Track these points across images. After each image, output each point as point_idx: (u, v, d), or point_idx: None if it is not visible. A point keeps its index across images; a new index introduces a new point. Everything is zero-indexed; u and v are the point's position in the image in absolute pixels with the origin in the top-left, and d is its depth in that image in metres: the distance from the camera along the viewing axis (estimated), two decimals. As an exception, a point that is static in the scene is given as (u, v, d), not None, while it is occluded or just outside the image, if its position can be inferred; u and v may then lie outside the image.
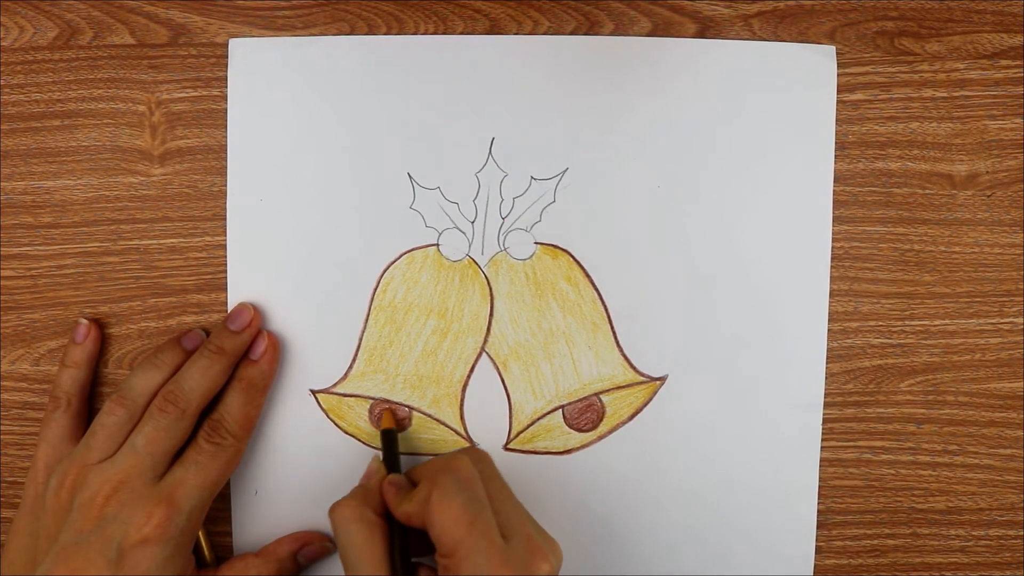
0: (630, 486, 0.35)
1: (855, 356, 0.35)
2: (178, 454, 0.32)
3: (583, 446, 0.35)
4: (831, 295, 0.35)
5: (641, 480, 0.35)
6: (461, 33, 0.35)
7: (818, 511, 0.35)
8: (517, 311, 0.35)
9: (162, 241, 0.35)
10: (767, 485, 0.35)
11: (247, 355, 0.34)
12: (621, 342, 0.35)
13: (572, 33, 0.35)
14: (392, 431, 0.34)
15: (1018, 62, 0.35)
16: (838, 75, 0.34)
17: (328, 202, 0.35)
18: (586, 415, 0.35)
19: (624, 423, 0.35)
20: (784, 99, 0.34)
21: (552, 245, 0.35)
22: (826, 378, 0.35)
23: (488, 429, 0.35)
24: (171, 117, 0.35)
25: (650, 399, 0.35)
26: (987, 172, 0.35)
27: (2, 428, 0.36)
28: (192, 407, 0.32)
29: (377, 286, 0.35)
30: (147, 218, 0.35)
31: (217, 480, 0.32)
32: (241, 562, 0.34)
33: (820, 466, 0.35)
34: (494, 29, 0.35)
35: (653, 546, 0.35)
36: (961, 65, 0.35)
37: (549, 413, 0.35)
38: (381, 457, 0.33)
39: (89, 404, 0.35)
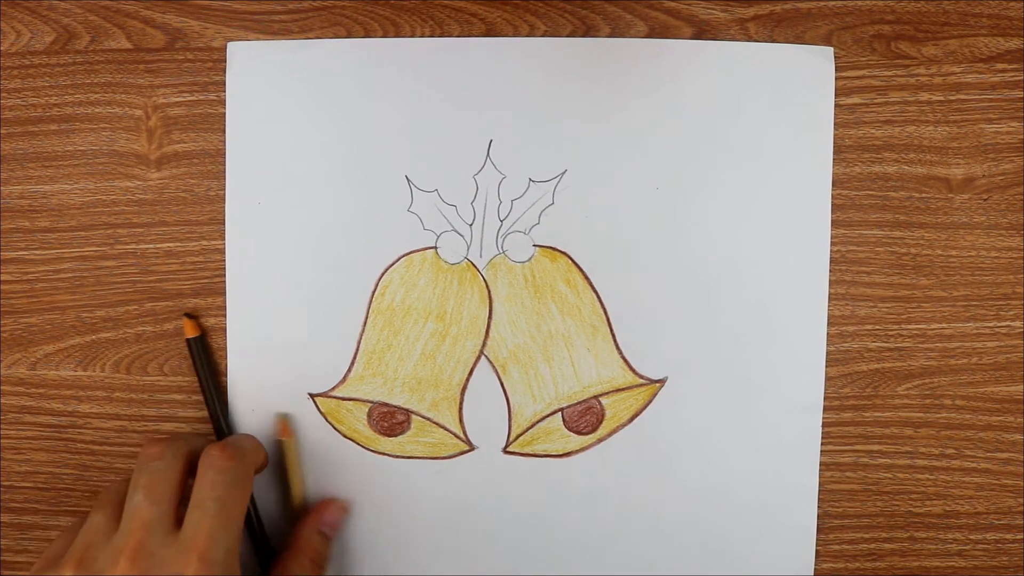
0: (630, 489, 0.35)
1: (852, 360, 0.35)
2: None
3: (582, 449, 0.35)
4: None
5: (641, 483, 0.35)
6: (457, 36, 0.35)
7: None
8: (516, 314, 0.35)
9: (159, 245, 0.35)
10: (767, 488, 0.35)
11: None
12: (620, 344, 0.35)
13: (569, 37, 0.35)
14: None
15: (1015, 66, 0.35)
16: (835, 78, 0.34)
17: (326, 205, 0.35)
18: (585, 418, 0.35)
19: (624, 425, 0.35)
20: (783, 100, 0.34)
21: (551, 247, 0.35)
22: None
23: (487, 432, 0.35)
24: (168, 121, 0.35)
25: (649, 401, 0.35)
26: (984, 176, 0.35)
27: (0, 432, 0.36)
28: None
29: (375, 289, 0.35)
30: (144, 222, 0.35)
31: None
32: (279, 567, 0.33)
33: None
34: (490, 33, 0.35)
35: (653, 549, 0.35)
36: (958, 69, 0.35)
37: (548, 416, 0.35)
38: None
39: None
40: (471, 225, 0.35)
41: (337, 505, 0.34)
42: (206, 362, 0.34)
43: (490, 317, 0.35)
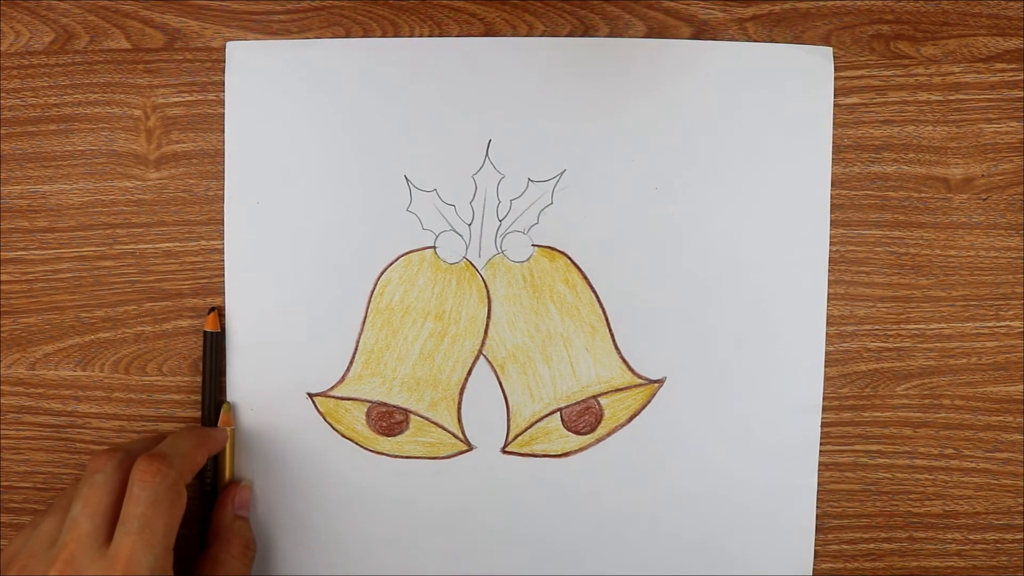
0: (628, 489, 0.35)
1: (851, 360, 0.35)
2: None
3: (581, 449, 0.35)
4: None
5: (639, 483, 0.35)
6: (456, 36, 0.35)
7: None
8: (515, 313, 0.35)
9: (158, 245, 0.35)
10: (766, 488, 0.35)
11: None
12: (619, 344, 0.35)
13: (568, 36, 0.35)
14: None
15: (1014, 65, 0.35)
16: (834, 78, 0.34)
17: (325, 204, 0.35)
18: (584, 418, 0.35)
19: (622, 425, 0.35)
20: (781, 100, 0.34)
21: (549, 247, 0.35)
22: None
23: (486, 432, 0.35)
24: (167, 121, 0.35)
25: (648, 401, 0.35)
26: (983, 175, 0.35)
27: (0, 432, 0.36)
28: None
29: (374, 289, 0.35)
30: (143, 222, 0.35)
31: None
32: (210, 560, 0.33)
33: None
34: (489, 33, 0.35)
35: (651, 549, 0.35)
36: (957, 68, 0.35)
37: (547, 416, 0.35)
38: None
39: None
40: (470, 225, 0.35)
41: (244, 486, 0.35)
42: (214, 359, 0.35)
43: (489, 317, 0.35)
